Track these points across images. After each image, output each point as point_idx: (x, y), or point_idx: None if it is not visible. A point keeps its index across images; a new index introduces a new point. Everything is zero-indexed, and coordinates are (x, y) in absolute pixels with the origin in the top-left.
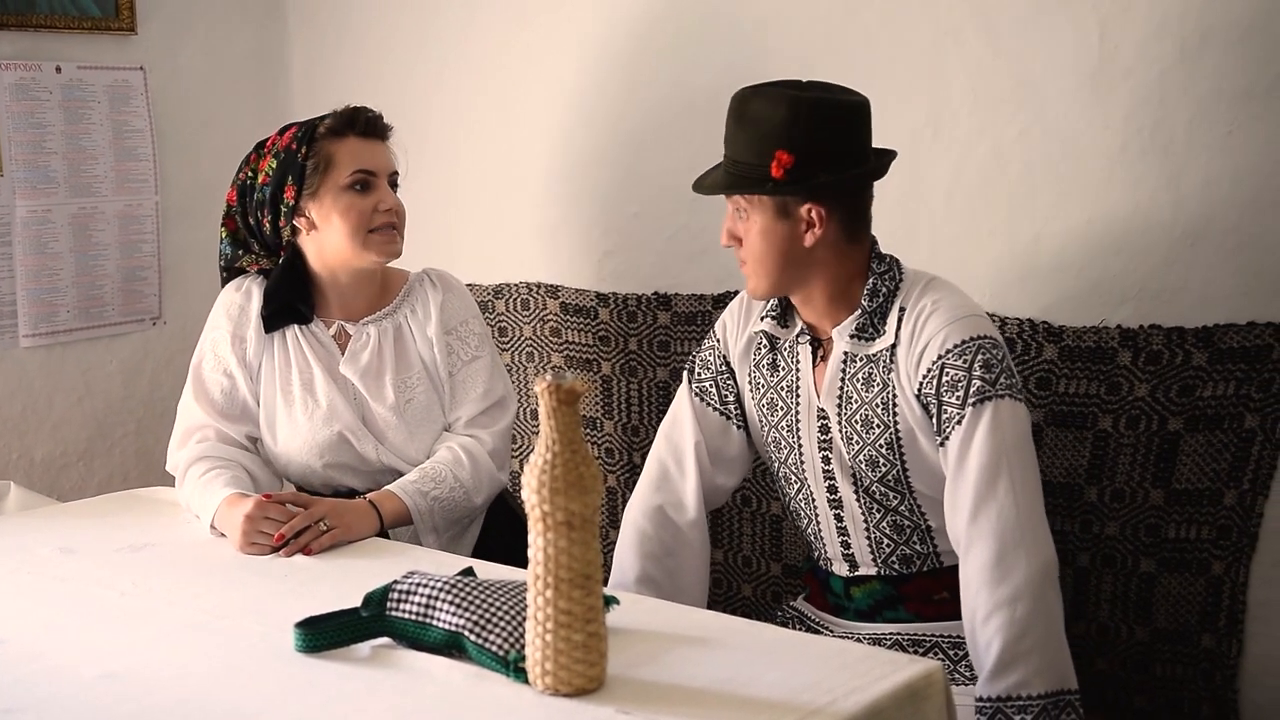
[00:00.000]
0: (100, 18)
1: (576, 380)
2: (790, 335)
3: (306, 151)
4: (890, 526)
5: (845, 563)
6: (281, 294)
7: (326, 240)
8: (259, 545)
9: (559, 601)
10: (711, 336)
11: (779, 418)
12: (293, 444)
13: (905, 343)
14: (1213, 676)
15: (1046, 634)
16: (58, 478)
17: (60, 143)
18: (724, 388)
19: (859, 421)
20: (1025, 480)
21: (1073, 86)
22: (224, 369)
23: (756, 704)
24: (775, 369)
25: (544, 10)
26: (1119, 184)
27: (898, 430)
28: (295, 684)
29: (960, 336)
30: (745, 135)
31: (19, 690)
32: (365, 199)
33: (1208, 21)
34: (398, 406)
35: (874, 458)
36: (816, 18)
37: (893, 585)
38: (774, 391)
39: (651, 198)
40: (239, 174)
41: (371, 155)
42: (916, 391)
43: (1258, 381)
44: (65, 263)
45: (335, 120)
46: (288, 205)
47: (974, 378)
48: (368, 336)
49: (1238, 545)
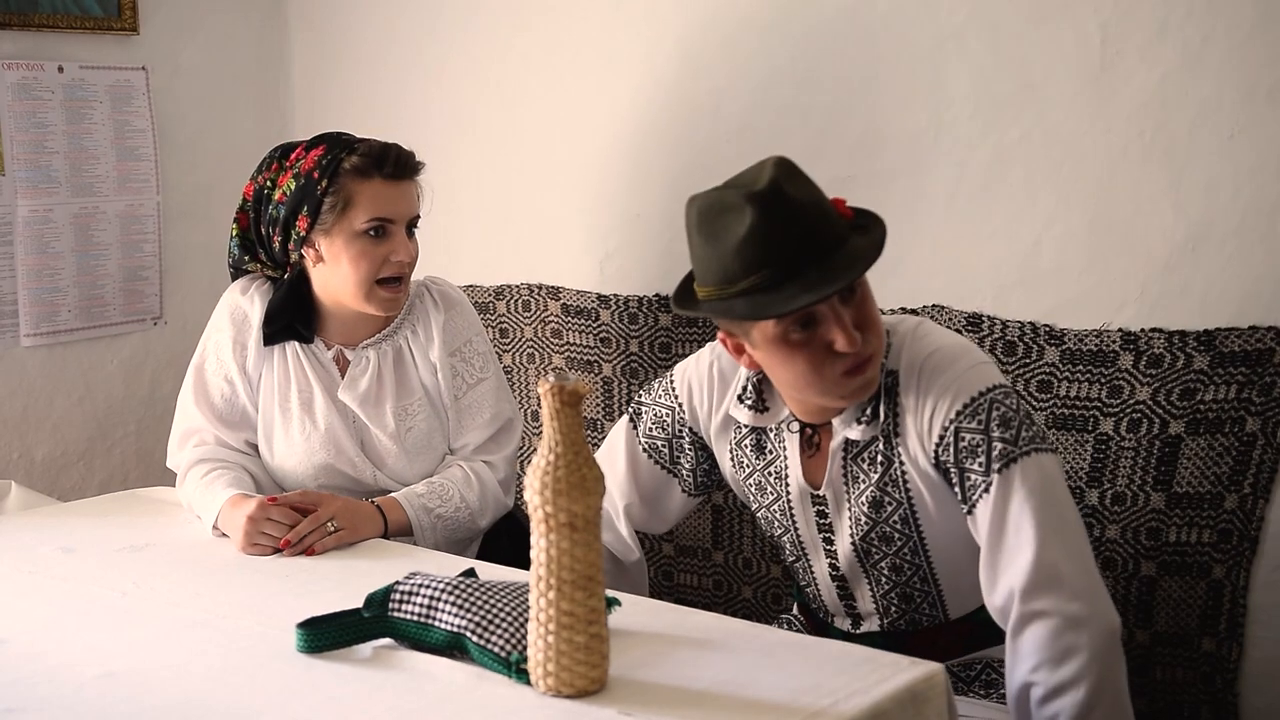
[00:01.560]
0: (102, 18)
1: (580, 382)
2: (773, 422)
3: (327, 185)
4: (899, 596)
5: (848, 619)
6: (285, 314)
7: (331, 277)
8: (261, 546)
9: (561, 603)
10: (670, 396)
11: (770, 500)
12: (288, 461)
13: (911, 410)
14: (1213, 680)
15: (1114, 705)
16: (58, 477)
17: (62, 142)
18: (678, 451)
19: (867, 503)
20: (1073, 540)
21: (1074, 90)
22: (225, 374)
23: (758, 706)
24: (761, 452)
25: (544, 12)
26: (1120, 187)
27: (911, 504)
28: (296, 684)
29: (969, 394)
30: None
31: (19, 690)
32: (379, 247)
33: (1209, 25)
34: (398, 434)
35: (888, 534)
36: (819, 21)
37: (897, 640)
38: (761, 475)
39: (653, 199)
40: (259, 173)
41: (392, 201)
42: (933, 460)
43: (1259, 385)
44: (66, 262)
45: (362, 159)
46: (299, 234)
47: (994, 440)
48: (367, 361)
49: (1239, 549)
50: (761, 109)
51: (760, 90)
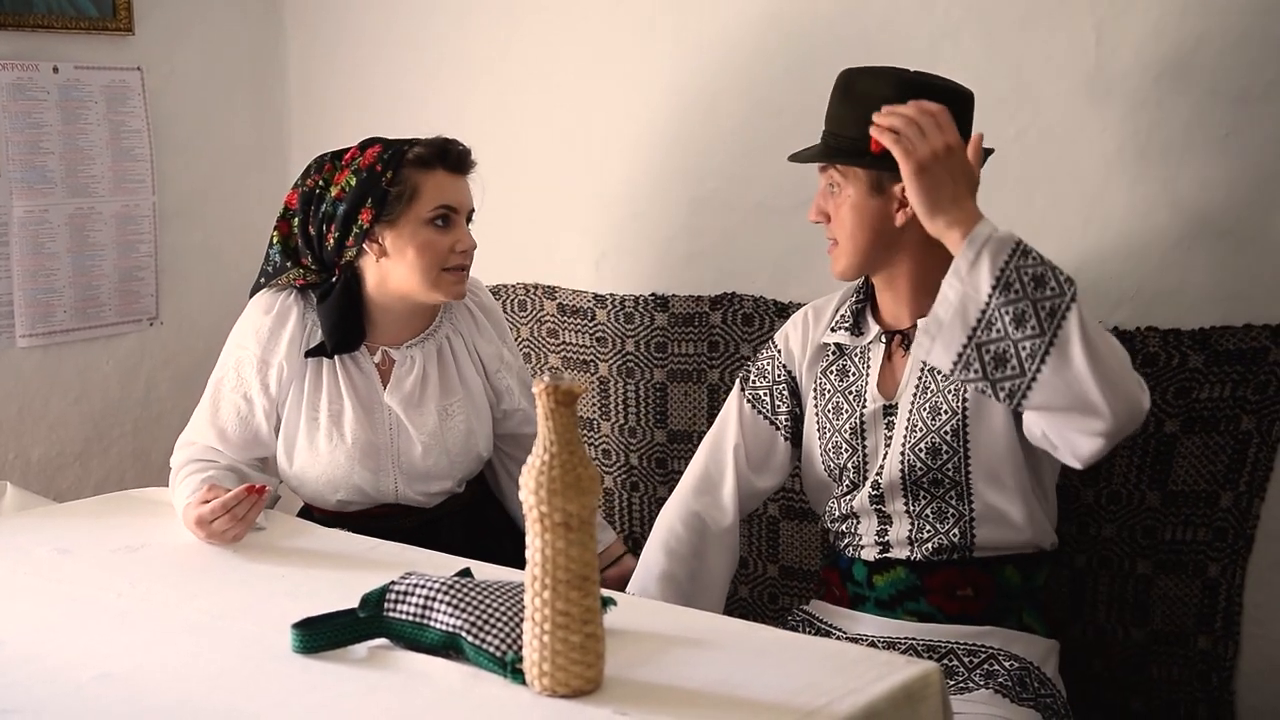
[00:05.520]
0: (97, 18)
1: (574, 382)
2: (863, 342)
3: (392, 177)
4: (934, 514)
5: (877, 547)
6: (343, 321)
7: (393, 270)
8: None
9: (556, 603)
10: (771, 347)
11: (843, 421)
12: (309, 471)
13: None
14: (1209, 678)
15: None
16: (54, 478)
17: (57, 143)
18: (778, 398)
19: (927, 410)
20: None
21: (1069, 89)
22: (244, 393)
23: (753, 705)
24: (844, 374)
25: (539, 11)
26: (1115, 186)
27: (965, 413)
28: (292, 685)
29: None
30: (849, 109)
31: (16, 691)
32: (444, 236)
33: (1204, 24)
34: (439, 432)
35: (936, 445)
36: (815, 19)
37: (918, 575)
38: (840, 395)
39: (649, 199)
40: (305, 179)
41: (456, 191)
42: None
43: (1254, 384)
44: (62, 263)
45: (425, 150)
46: (361, 227)
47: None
48: (412, 360)
49: (1234, 547)
50: (759, 108)
51: (757, 89)
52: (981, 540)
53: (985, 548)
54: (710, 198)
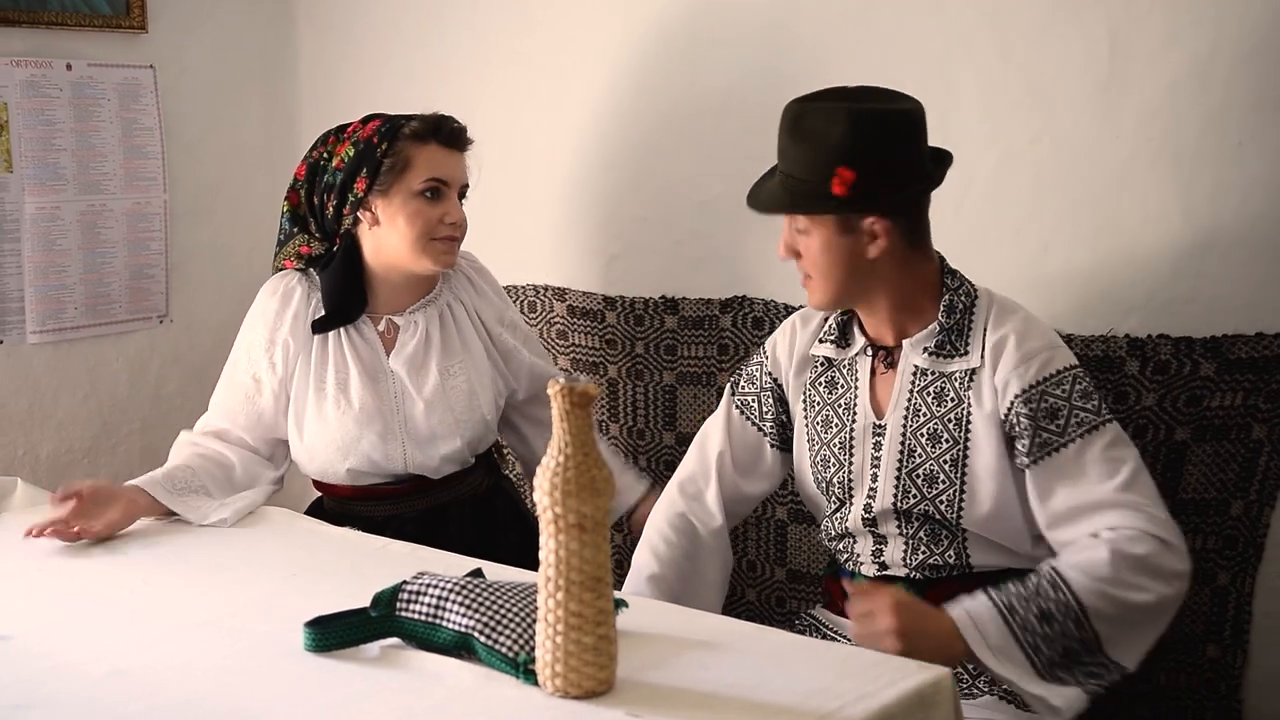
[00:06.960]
0: (111, 16)
1: (590, 384)
2: (849, 354)
3: (387, 148)
4: (928, 535)
5: (875, 565)
6: (341, 289)
7: (386, 239)
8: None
9: (570, 604)
10: (760, 353)
11: (832, 434)
12: (319, 441)
13: (989, 365)
14: (1217, 687)
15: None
16: (63, 474)
17: (70, 140)
18: (765, 405)
19: (925, 435)
20: (1152, 488)
21: (1083, 96)
22: (252, 373)
23: (765, 709)
24: (833, 387)
25: (551, 13)
26: (1128, 193)
27: (966, 448)
28: (304, 683)
29: (1059, 365)
30: (803, 151)
31: (27, 687)
32: (434, 208)
33: (1219, 33)
34: (442, 390)
35: (933, 473)
36: (829, 23)
37: (919, 589)
38: (829, 409)
39: (659, 201)
40: (312, 151)
41: (448, 165)
42: (1004, 415)
43: (1265, 392)
44: (73, 260)
45: (421, 124)
46: (355, 196)
47: (1075, 407)
48: (415, 325)
49: (1244, 556)
50: (769, 112)
51: (767, 93)
52: (978, 562)
53: (984, 566)
54: (720, 201)
